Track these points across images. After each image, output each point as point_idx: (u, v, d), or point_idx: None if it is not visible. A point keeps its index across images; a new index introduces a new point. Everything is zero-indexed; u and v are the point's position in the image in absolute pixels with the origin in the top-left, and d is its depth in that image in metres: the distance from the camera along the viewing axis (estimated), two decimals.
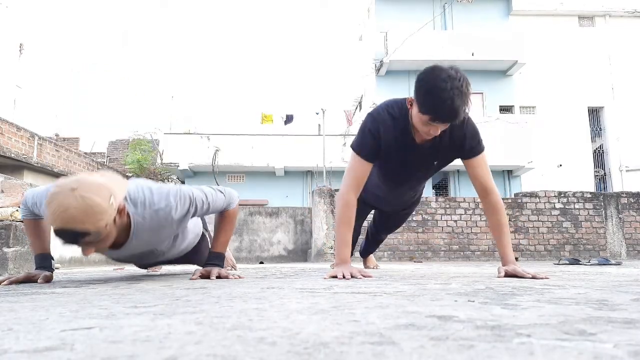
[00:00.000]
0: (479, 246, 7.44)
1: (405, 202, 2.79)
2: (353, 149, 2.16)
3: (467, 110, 1.88)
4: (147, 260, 2.20)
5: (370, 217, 3.30)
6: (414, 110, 1.93)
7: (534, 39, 15.82)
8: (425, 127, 1.92)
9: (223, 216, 2.13)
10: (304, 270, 3.06)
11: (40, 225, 1.98)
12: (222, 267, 2.09)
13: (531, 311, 0.88)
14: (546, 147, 15.14)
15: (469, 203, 7.63)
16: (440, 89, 1.76)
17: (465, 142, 2.08)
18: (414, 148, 2.09)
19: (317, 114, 14.65)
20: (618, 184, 15.37)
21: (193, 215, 1.95)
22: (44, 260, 1.97)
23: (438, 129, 1.91)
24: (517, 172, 14.71)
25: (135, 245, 1.87)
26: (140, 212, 1.77)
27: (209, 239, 2.58)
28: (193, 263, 2.66)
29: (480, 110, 15.65)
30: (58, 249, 2.13)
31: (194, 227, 2.31)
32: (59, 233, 1.49)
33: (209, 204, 1.97)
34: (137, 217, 1.76)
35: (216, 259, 2.10)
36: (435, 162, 2.23)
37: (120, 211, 1.62)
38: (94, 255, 7.93)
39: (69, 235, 1.49)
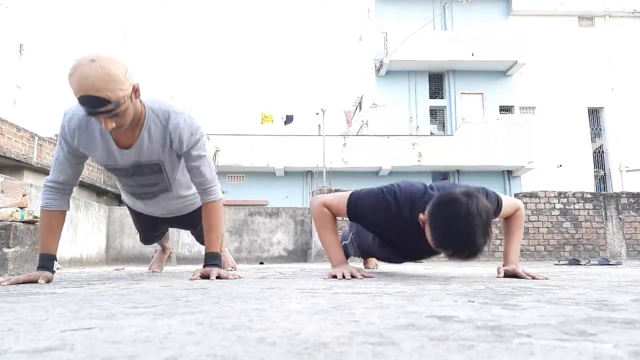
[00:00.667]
0: None
1: None
2: (351, 199, 2.05)
3: (488, 243, 1.69)
4: (152, 189, 2.22)
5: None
6: (428, 235, 1.76)
7: (534, 39, 15.83)
8: (440, 252, 1.78)
9: (208, 208, 2.10)
10: (304, 271, 3.06)
11: (56, 218, 2.00)
12: (221, 267, 2.09)
13: (531, 311, 0.88)
14: (546, 147, 15.14)
15: None
16: (459, 231, 1.59)
17: None
18: (422, 242, 1.87)
19: (317, 114, 14.66)
20: (618, 184, 15.37)
21: (192, 147, 1.99)
22: (47, 261, 1.98)
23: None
24: (517, 172, 14.72)
25: (145, 146, 1.95)
26: (156, 107, 1.92)
27: None
28: (196, 229, 2.73)
29: (480, 110, 15.66)
30: (58, 249, 2.13)
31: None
32: (82, 100, 1.62)
33: (205, 155, 2.05)
34: (151, 112, 1.91)
35: (213, 259, 2.08)
36: None
37: (136, 91, 1.76)
38: (94, 255, 7.93)
39: (91, 102, 1.61)
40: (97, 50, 1.72)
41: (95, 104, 1.62)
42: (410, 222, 1.88)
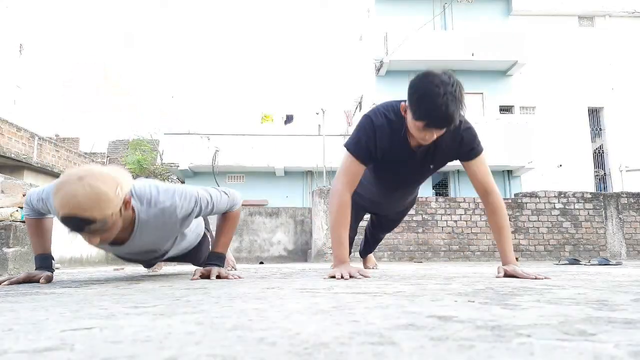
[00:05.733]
0: (479, 246, 7.44)
1: (401, 204, 2.80)
2: (348, 150, 2.13)
3: (462, 114, 1.87)
4: (148, 258, 2.21)
5: (367, 216, 3.31)
6: (408, 117, 1.92)
7: (534, 39, 15.82)
8: (420, 133, 1.90)
9: (225, 217, 2.13)
10: (304, 271, 3.06)
11: (42, 225, 1.99)
12: (222, 267, 2.09)
13: (531, 311, 0.88)
14: (546, 147, 15.13)
15: (469, 203, 7.63)
16: (434, 95, 1.75)
17: (462, 146, 2.09)
18: (410, 152, 2.09)
19: (317, 114, 14.66)
20: (618, 184, 15.36)
21: (197, 216, 1.96)
22: (45, 261, 1.97)
23: (433, 135, 1.89)
24: (517, 172, 14.71)
25: (137, 242, 1.88)
26: (145, 209, 1.80)
27: (210, 240, 2.58)
28: (193, 263, 2.66)
29: (480, 110, 15.65)
30: (58, 249, 2.14)
31: (196, 227, 2.32)
32: (66, 220, 1.52)
33: (214, 205, 1.99)
34: (142, 214, 1.79)
35: (217, 259, 2.10)
36: (431, 166, 2.23)
37: (126, 203, 1.66)
38: (94, 255, 7.93)
39: (75, 223, 1.52)
40: (87, 166, 1.63)
41: (80, 224, 1.52)
42: (398, 126, 2.03)
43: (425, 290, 1.38)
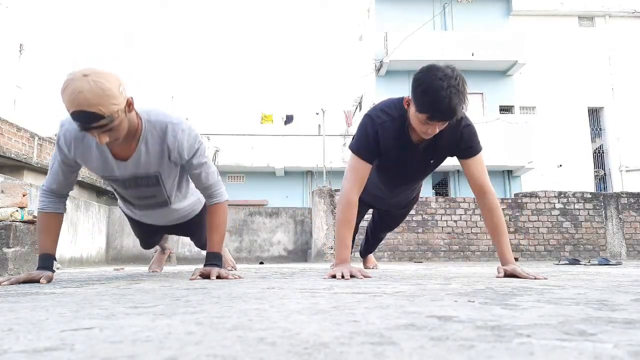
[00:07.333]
0: (479, 246, 7.44)
1: (404, 201, 2.82)
2: (352, 151, 2.17)
3: (464, 109, 1.89)
4: (150, 202, 2.21)
5: (368, 216, 3.32)
6: (412, 110, 1.96)
7: (534, 39, 15.82)
8: (423, 127, 1.94)
9: (213, 211, 2.12)
10: (304, 271, 3.06)
11: (53, 220, 2.01)
12: (222, 267, 2.09)
13: (531, 311, 0.88)
14: (546, 147, 15.13)
15: (469, 203, 7.63)
16: (437, 88, 1.78)
17: (461, 142, 2.11)
18: (411, 147, 2.13)
19: (317, 114, 14.66)
20: (618, 184, 15.36)
21: (193, 156, 1.99)
22: (46, 261, 1.98)
23: (436, 128, 1.93)
24: (517, 172, 14.71)
25: (141, 160, 1.94)
26: (153, 119, 1.90)
27: None
28: (194, 236, 2.68)
29: (480, 110, 15.65)
30: (58, 249, 2.14)
31: (196, 191, 2.34)
32: (76, 116, 1.59)
33: (207, 161, 2.05)
34: (148, 124, 1.89)
35: (214, 258, 2.09)
36: (431, 161, 2.26)
37: (129, 104, 1.74)
38: (94, 255, 7.93)
39: (84, 118, 1.59)
40: (90, 65, 1.71)
41: (88, 119, 1.59)
42: (400, 122, 2.07)
43: (425, 290, 1.38)
